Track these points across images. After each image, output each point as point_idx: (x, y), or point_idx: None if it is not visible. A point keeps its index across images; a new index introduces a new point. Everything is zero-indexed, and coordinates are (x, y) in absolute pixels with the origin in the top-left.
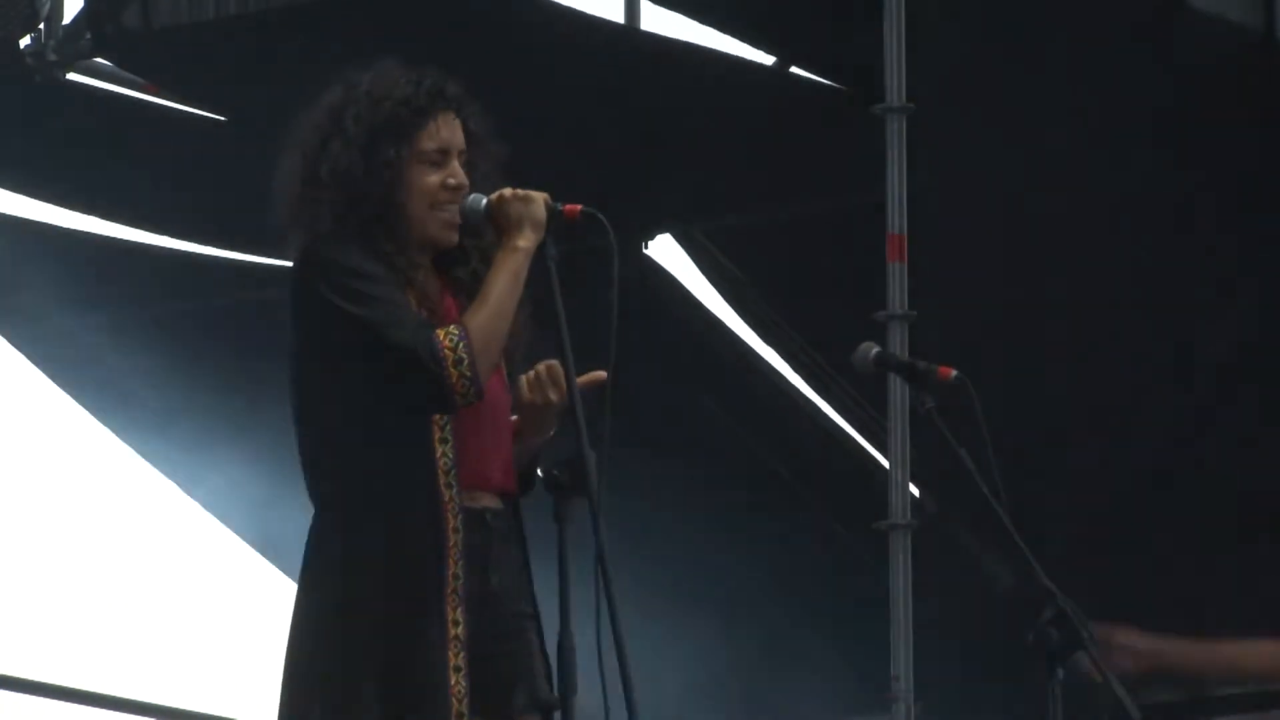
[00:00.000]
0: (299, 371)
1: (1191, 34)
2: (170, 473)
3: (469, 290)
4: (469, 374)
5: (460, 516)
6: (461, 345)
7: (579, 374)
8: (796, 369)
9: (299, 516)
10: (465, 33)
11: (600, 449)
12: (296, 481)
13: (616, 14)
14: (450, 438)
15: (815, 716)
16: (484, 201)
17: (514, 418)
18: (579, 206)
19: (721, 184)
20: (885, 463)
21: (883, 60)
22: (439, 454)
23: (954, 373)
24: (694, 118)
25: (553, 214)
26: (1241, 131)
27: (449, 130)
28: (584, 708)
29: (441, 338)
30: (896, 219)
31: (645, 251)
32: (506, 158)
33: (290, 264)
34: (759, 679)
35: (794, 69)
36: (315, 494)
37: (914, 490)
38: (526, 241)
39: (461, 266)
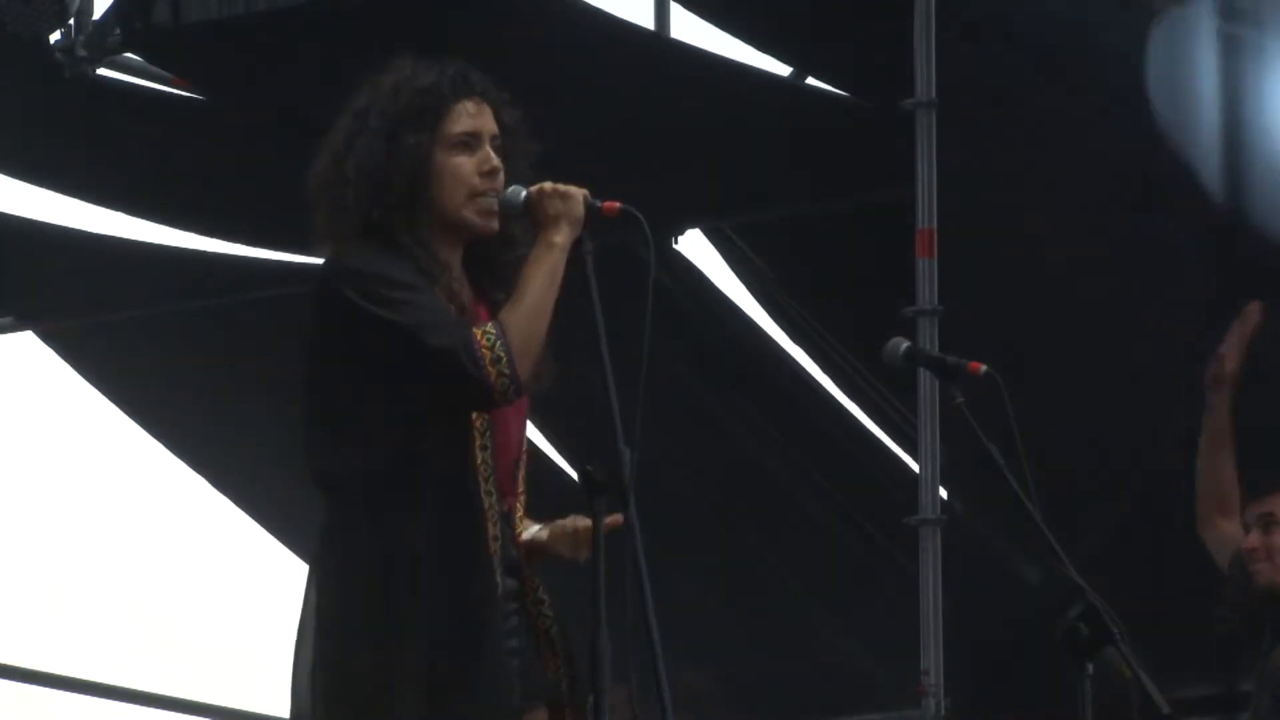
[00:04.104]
0: (327, 374)
1: None
2: (204, 470)
3: (506, 284)
4: (508, 372)
5: (499, 524)
6: (499, 344)
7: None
8: (824, 366)
9: None
10: (498, 30)
11: (634, 446)
12: None
13: (646, 17)
14: (490, 444)
15: (845, 711)
16: (523, 194)
17: (532, 534)
18: (618, 204)
19: (750, 179)
20: (912, 462)
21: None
22: (479, 460)
23: (984, 368)
24: (723, 113)
25: (591, 211)
26: None
27: (477, 114)
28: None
29: (479, 337)
30: (926, 214)
31: (674, 247)
32: (539, 154)
33: (319, 264)
34: (786, 673)
35: (819, 68)
36: (335, 485)
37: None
38: (563, 238)
39: (508, 252)
